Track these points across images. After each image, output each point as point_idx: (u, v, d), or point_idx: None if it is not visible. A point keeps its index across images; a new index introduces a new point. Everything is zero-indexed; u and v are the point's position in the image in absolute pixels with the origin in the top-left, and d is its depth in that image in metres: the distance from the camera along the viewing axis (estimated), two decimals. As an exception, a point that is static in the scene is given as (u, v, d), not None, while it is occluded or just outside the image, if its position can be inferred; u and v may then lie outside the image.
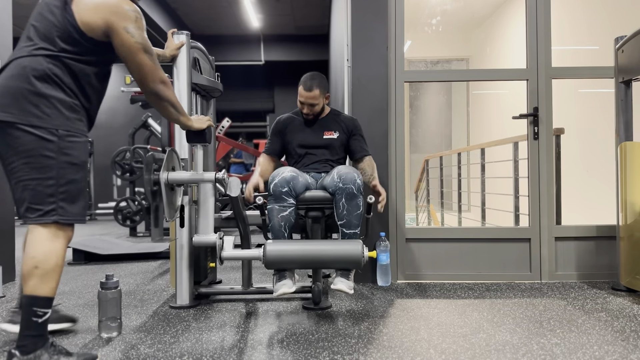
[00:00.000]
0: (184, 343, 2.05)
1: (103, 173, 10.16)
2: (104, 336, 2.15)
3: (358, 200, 2.51)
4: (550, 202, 3.19)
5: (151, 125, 6.38)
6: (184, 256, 2.61)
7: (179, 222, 2.60)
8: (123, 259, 4.28)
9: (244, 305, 2.66)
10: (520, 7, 3.69)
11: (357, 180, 2.50)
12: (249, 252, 2.45)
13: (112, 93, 11.18)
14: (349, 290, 2.39)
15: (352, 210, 2.50)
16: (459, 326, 2.24)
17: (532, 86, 3.21)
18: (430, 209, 6.67)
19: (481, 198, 4.90)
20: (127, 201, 6.36)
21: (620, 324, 2.26)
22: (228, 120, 7.22)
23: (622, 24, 3.69)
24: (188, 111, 2.65)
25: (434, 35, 6.99)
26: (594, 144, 4.60)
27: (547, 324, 2.26)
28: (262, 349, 1.98)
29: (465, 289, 2.97)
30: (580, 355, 1.87)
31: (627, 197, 2.83)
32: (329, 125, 2.89)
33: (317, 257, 2.31)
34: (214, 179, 2.43)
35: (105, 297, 2.16)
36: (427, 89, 7.86)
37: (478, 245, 3.20)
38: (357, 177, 2.51)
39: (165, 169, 2.34)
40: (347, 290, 2.39)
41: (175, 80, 2.63)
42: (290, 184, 2.50)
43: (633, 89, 2.94)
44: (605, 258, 3.18)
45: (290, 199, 2.51)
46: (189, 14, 9.64)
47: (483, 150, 4.70)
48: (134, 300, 2.82)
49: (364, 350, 1.95)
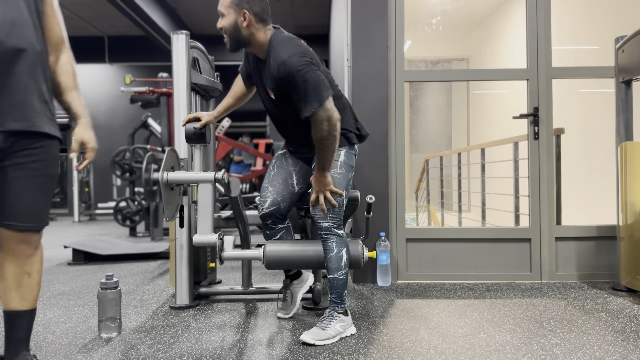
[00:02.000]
0: (183, 343, 2.05)
1: (103, 173, 10.15)
2: (104, 336, 2.15)
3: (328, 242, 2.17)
4: (550, 202, 3.19)
5: (151, 125, 6.37)
6: (184, 256, 2.61)
7: (178, 222, 2.60)
8: (123, 259, 4.27)
9: (243, 305, 2.66)
10: (520, 7, 3.69)
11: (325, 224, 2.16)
12: (249, 252, 2.44)
13: (112, 93, 11.20)
14: (316, 342, 2.03)
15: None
16: (459, 326, 2.24)
17: (532, 86, 3.20)
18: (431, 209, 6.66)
19: (481, 198, 4.90)
20: (127, 201, 6.36)
21: (621, 324, 2.25)
22: (228, 120, 7.21)
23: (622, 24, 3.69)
24: (187, 111, 2.64)
25: (434, 35, 6.98)
26: (594, 144, 4.59)
27: (547, 324, 2.26)
28: (262, 349, 1.97)
29: (466, 289, 2.97)
30: (581, 355, 1.87)
31: (628, 197, 2.83)
32: (268, 72, 2.13)
33: (316, 258, 2.31)
34: (213, 179, 2.42)
35: (105, 297, 2.16)
36: (427, 89, 7.85)
37: (478, 246, 3.19)
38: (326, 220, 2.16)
39: (164, 169, 2.34)
40: (312, 342, 2.03)
41: (175, 79, 2.63)
42: (273, 216, 2.33)
43: (633, 88, 2.94)
44: (605, 258, 3.17)
45: (278, 225, 2.37)
46: (189, 14, 9.63)
47: (483, 150, 4.70)
48: (134, 300, 2.82)
49: (364, 350, 1.94)
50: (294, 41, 2.08)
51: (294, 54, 1.99)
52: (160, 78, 5.94)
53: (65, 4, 8.82)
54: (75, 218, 8.93)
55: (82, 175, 9.12)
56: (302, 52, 2.02)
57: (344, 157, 2.20)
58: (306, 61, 1.99)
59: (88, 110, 1.71)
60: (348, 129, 2.21)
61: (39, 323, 2.38)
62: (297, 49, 2.02)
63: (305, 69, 1.97)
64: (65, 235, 6.50)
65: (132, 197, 6.42)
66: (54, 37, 1.68)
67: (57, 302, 2.81)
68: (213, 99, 3.19)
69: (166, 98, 5.70)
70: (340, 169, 2.18)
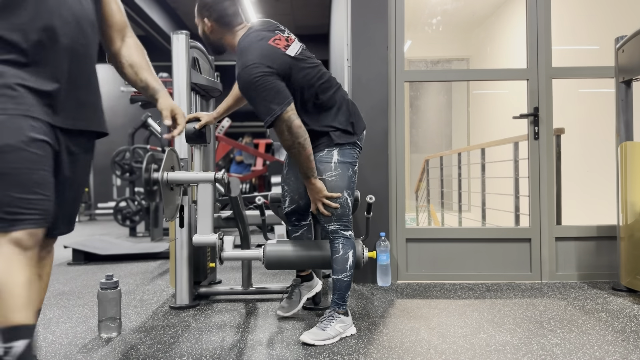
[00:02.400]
0: (183, 343, 2.05)
1: (103, 173, 10.16)
2: (104, 336, 2.15)
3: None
4: (550, 202, 3.19)
5: (151, 125, 6.36)
6: (184, 256, 2.61)
7: (178, 222, 2.60)
8: (123, 259, 4.27)
9: (243, 305, 2.66)
10: (520, 7, 3.69)
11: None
12: (248, 253, 2.44)
13: (112, 93, 11.20)
14: (315, 341, 2.03)
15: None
16: (459, 326, 2.24)
17: (532, 86, 3.20)
18: (431, 209, 6.66)
19: (481, 198, 4.90)
20: (127, 201, 6.36)
21: (621, 324, 2.25)
22: (228, 120, 7.21)
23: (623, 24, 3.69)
24: (187, 111, 2.64)
25: (434, 35, 6.98)
26: (595, 144, 4.59)
27: (547, 324, 2.26)
28: (262, 349, 1.97)
29: (466, 289, 2.97)
30: (581, 355, 1.87)
31: (628, 197, 2.82)
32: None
33: (316, 258, 2.31)
34: (213, 179, 2.42)
35: (105, 297, 2.16)
36: (427, 89, 7.85)
37: (478, 246, 3.19)
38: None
39: (164, 169, 2.34)
40: (312, 342, 2.03)
41: (175, 79, 2.63)
42: (296, 213, 2.36)
43: (633, 88, 2.94)
44: (605, 258, 3.17)
45: (302, 221, 2.40)
46: (188, 14, 9.64)
47: (483, 150, 4.69)
48: (134, 300, 2.82)
49: (364, 350, 1.94)
50: (253, 46, 1.98)
51: (247, 65, 1.94)
52: (160, 78, 5.94)
53: (65, 4, 8.80)
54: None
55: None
56: (257, 61, 1.94)
57: (338, 157, 2.10)
58: (259, 73, 1.92)
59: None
60: (334, 127, 2.10)
61: (39, 323, 2.38)
62: (252, 58, 1.94)
63: (258, 81, 1.92)
64: (65, 235, 6.49)
65: (132, 197, 6.42)
66: (118, 23, 1.61)
67: (57, 302, 2.81)
68: (213, 99, 3.19)
69: (166, 98, 5.68)
70: (336, 170, 2.10)
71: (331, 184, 2.10)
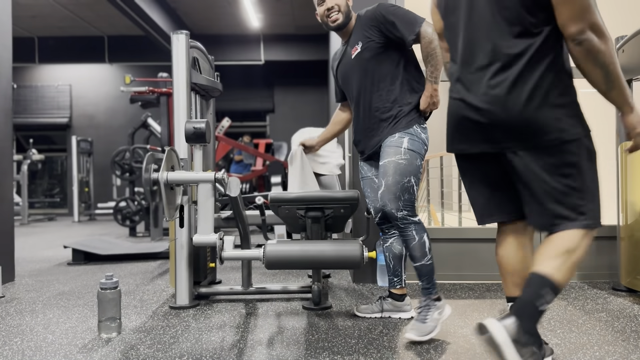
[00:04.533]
0: (183, 343, 2.05)
1: (103, 173, 10.16)
2: (104, 336, 2.15)
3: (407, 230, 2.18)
4: (550, 202, 3.18)
5: (151, 125, 6.37)
6: (184, 256, 2.61)
7: (178, 222, 2.60)
8: (123, 259, 4.27)
9: (243, 306, 2.66)
10: (520, 7, 3.67)
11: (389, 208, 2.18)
12: (249, 252, 2.44)
13: (112, 93, 11.20)
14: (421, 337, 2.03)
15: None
16: (459, 326, 2.24)
17: (532, 86, 3.19)
18: (431, 209, 6.66)
19: (481, 198, 4.89)
20: (127, 201, 6.36)
21: (621, 324, 2.25)
22: (228, 120, 7.21)
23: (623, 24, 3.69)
24: (187, 111, 2.64)
25: (434, 35, 6.97)
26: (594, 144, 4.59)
27: (547, 324, 2.26)
28: (262, 349, 1.97)
29: (466, 289, 2.97)
30: (581, 355, 1.87)
31: (628, 197, 2.82)
32: (355, 37, 2.32)
33: (316, 258, 2.31)
34: (213, 179, 2.43)
35: (104, 298, 2.16)
36: (427, 89, 7.84)
37: (478, 246, 3.19)
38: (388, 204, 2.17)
39: (164, 169, 2.34)
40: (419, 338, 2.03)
41: (175, 79, 2.63)
42: (386, 221, 2.34)
43: (633, 89, 2.94)
44: (605, 258, 3.17)
45: (392, 229, 2.37)
46: (188, 14, 9.64)
47: (483, 150, 4.69)
48: (134, 300, 2.82)
49: (364, 350, 1.94)
50: None
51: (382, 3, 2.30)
52: (160, 78, 5.94)
53: (65, 4, 8.83)
54: (75, 218, 8.93)
55: (82, 175, 9.12)
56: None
57: (407, 144, 2.19)
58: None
59: (88, 110, 1.70)
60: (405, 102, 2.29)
61: (39, 323, 2.38)
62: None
63: (397, 6, 2.27)
64: (65, 235, 6.50)
65: (132, 197, 6.42)
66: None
67: (57, 302, 2.81)
68: (213, 98, 3.19)
69: (166, 98, 5.70)
70: (405, 155, 2.18)
71: (399, 166, 2.17)
